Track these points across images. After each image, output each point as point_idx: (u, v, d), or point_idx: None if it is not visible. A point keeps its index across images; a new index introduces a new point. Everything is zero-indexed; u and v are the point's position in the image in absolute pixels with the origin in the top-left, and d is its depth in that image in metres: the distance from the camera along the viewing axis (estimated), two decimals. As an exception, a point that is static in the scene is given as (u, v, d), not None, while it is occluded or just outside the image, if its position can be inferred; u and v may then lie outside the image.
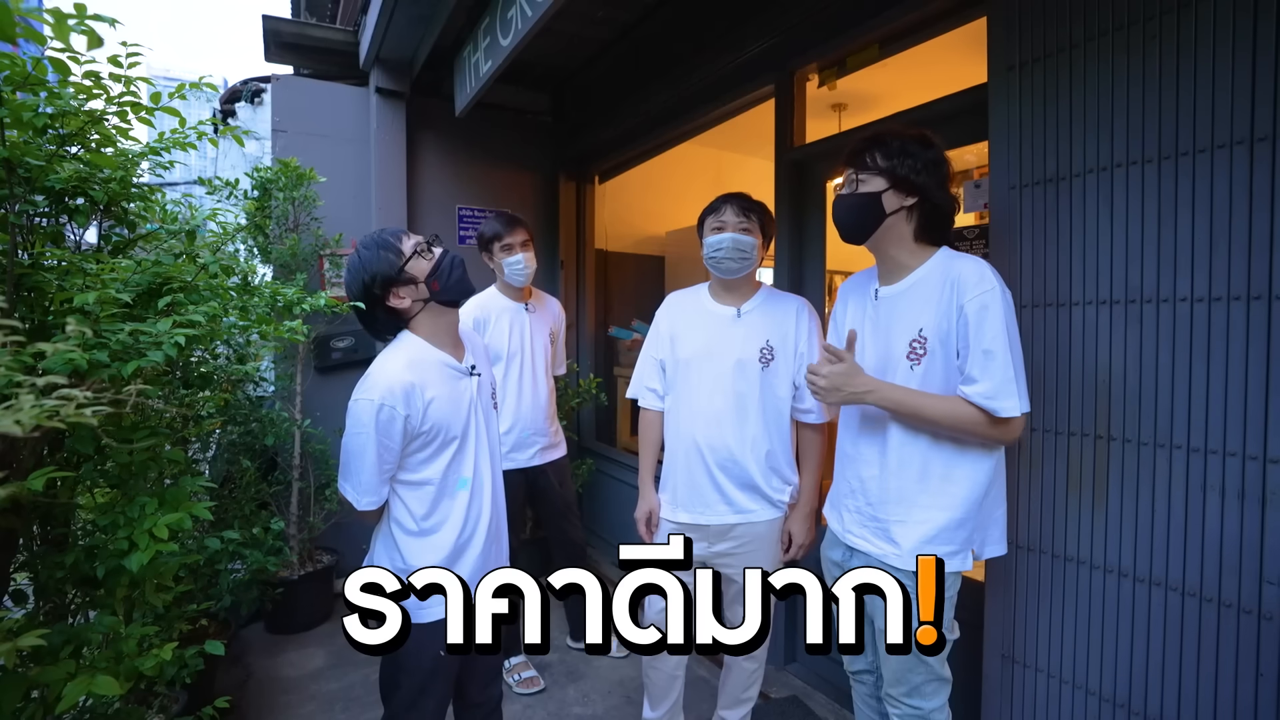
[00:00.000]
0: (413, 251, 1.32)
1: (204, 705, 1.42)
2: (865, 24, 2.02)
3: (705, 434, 1.71)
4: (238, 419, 2.62)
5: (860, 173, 1.32)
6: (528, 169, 3.83)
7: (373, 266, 1.30)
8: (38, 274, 1.04)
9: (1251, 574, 1.15)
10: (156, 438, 1.18)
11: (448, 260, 1.36)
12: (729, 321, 1.74)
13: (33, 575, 1.04)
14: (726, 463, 1.69)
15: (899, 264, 1.34)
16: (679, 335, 1.79)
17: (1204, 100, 1.19)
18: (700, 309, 1.80)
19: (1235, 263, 1.15)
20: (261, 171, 2.80)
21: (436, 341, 1.37)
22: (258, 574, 2.41)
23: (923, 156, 1.28)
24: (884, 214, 1.30)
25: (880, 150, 1.30)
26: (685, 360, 1.76)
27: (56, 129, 1.04)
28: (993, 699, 1.55)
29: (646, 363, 1.86)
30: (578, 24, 3.07)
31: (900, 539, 1.29)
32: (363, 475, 1.28)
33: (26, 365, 0.82)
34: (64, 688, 0.84)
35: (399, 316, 1.35)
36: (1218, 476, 1.19)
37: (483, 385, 1.45)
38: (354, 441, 1.27)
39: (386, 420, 1.25)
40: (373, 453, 1.26)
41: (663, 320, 1.86)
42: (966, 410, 1.21)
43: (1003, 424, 1.21)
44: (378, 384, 1.26)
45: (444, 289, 1.34)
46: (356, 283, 1.32)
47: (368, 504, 1.31)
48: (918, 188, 1.28)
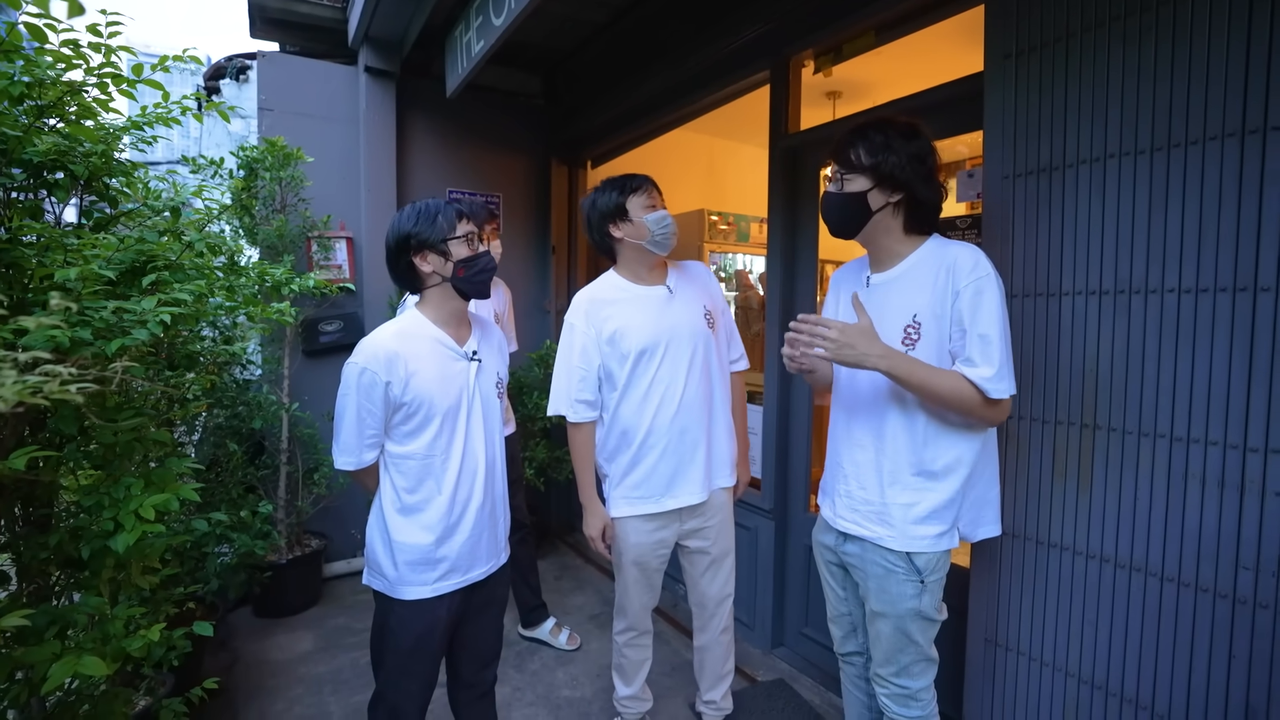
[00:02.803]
0: (464, 234, 1.38)
1: (191, 688, 1.42)
2: (862, 10, 2.01)
3: (685, 414, 1.71)
4: (224, 402, 2.59)
5: (845, 171, 1.32)
6: (520, 152, 3.79)
7: (425, 224, 1.36)
8: (15, 249, 1.01)
9: (1228, 560, 1.18)
10: (142, 418, 1.16)
11: (484, 260, 1.41)
12: (666, 299, 1.74)
13: (15, 556, 1.02)
14: (707, 435, 1.73)
15: (890, 252, 1.36)
16: (622, 330, 1.68)
17: (1197, 92, 1.19)
18: (632, 296, 1.72)
19: (1223, 255, 1.17)
20: (248, 150, 2.75)
21: (438, 321, 1.42)
22: (245, 558, 2.40)
23: (906, 151, 1.27)
24: (870, 211, 1.31)
25: (864, 146, 1.29)
26: (641, 350, 1.68)
27: (34, 99, 1.01)
28: (976, 682, 1.58)
29: (571, 374, 1.71)
30: (572, 5, 3.03)
31: (892, 521, 1.31)
32: (343, 434, 1.35)
33: (6, 342, 0.80)
34: (49, 668, 0.84)
35: (416, 279, 1.41)
36: (1199, 465, 1.21)
37: (484, 371, 1.46)
38: (340, 402, 1.35)
39: (368, 384, 1.31)
40: (353, 414, 1.33)
41: (589, 324, 1.71)
42: (968, 388, 1.23)
43: (995, 405, 1.24)
44: (364, 349, 1.33)
45: (465, 279, 1.39)
46: (406, 225, 1.37)
47: (344, 463, 1.37)
48: (902, 183, 1.28)
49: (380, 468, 1.40)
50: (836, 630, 1.56)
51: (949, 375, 1.24)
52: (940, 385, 1.22)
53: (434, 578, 1.38)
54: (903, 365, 1.22)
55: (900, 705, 1.36)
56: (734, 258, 4.53)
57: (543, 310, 3.90)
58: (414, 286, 1.43)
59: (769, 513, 2.44)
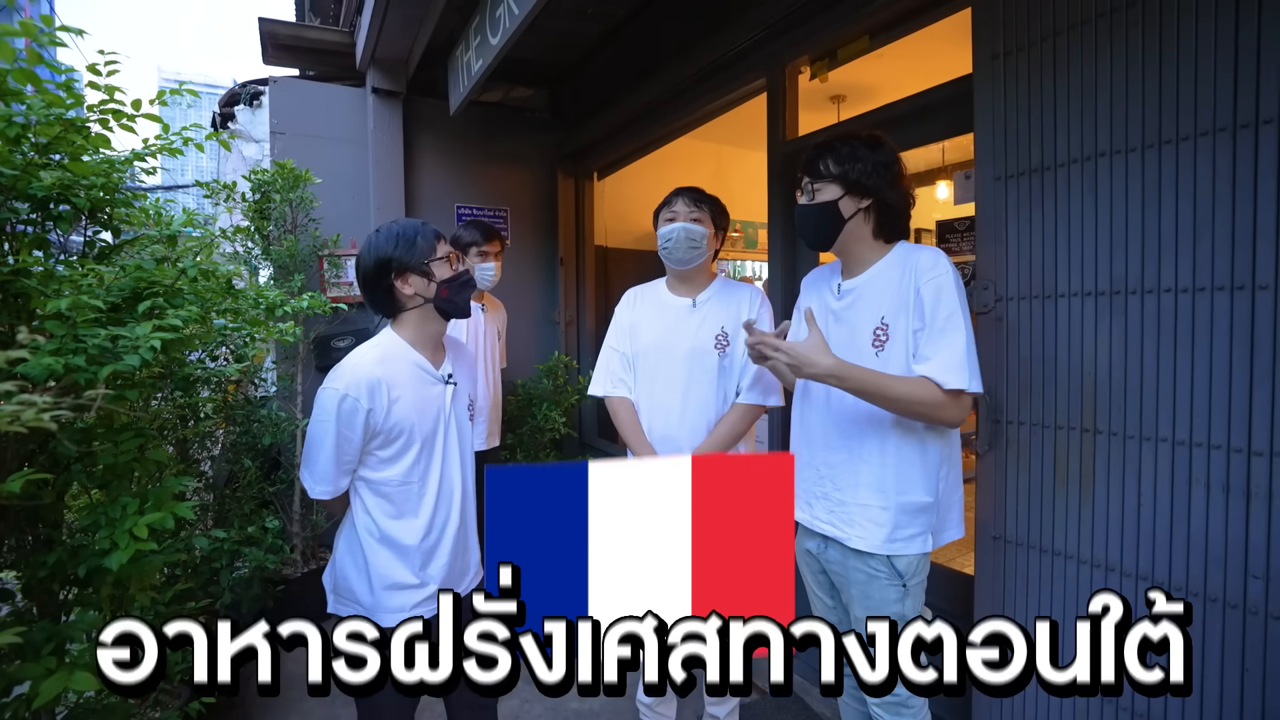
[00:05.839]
0: (443, 255, 1.37)
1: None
2: (852, 15, 2.00)
3: (663, 424, 1.73)
4: (237, 419, 2.66)
5: (815, 181, 1.36)
6: (526, 166, 3.83)
7: (405, 246, 1.33)
8: (19, 281, 1.06)
9: (1237, 568, 1.13)
10: (142, 438, 1.20)
11: (465, 277, 1.40)
12: (685, 311, 1.77)
13: (18, 575, 1.07)
14: (681, 452, 1.70)
15: (861, 259, 1.38)
16: (638, 326, 1.82)
17: (1186, 86, 1.16)
18: (658, 301, 1.83)
19: (1219, 252, 1.13)
20: (259, 174, 2.83)
21: (416, 344, 1.38)
22: (258, 571, 2.45)
23: (871, 159, 1.31)
24: (843, 219, 1.34)
25: (832, 156, 1.34)
26: (643, 350, 1.78)
27: (31, 139, 1.06)
28: (984, 698, 1.54)
29: (611, 356, 1.85)
30: (568, 20, 3.07)
31: (871, 523, 1.31)
32: (319, 463, 1.30)
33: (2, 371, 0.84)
34: (43, 684, 0.87)
35: (395, 303, 1.36)
36: (1203, 470, 1.17)
37: (458, 395, 1.45)
38: (316, 429, 1.30)
39: (349, 411, 1.26)
40: (331, 442, 1.28)
41: (623, 313, 1.87)
42: (925, 387, 1.23)
43: (956, 401, 1.23)
44: (344, 375, 1.28)
45: (449, 298, 1.37)
46: (385, 248, 1.33)
47: (320, 492, 1.33)
48: (870, 190, 1.31)
49: (352, 493, 1.37)
50: (825, 641, 1.54)
51: (905, 380, 1.24)
52: (894, 389, 1.23)
53: (413, 601, 1.35)
54: (853, 375, 1.24)
55: (892, 714, 1.34)
56: (741, 264, 4.52)
57: (551, 322, 3.92)
58: (391, 310, 1.39)
59: (776, 522, 2.42)
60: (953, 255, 1.41)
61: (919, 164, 3.89)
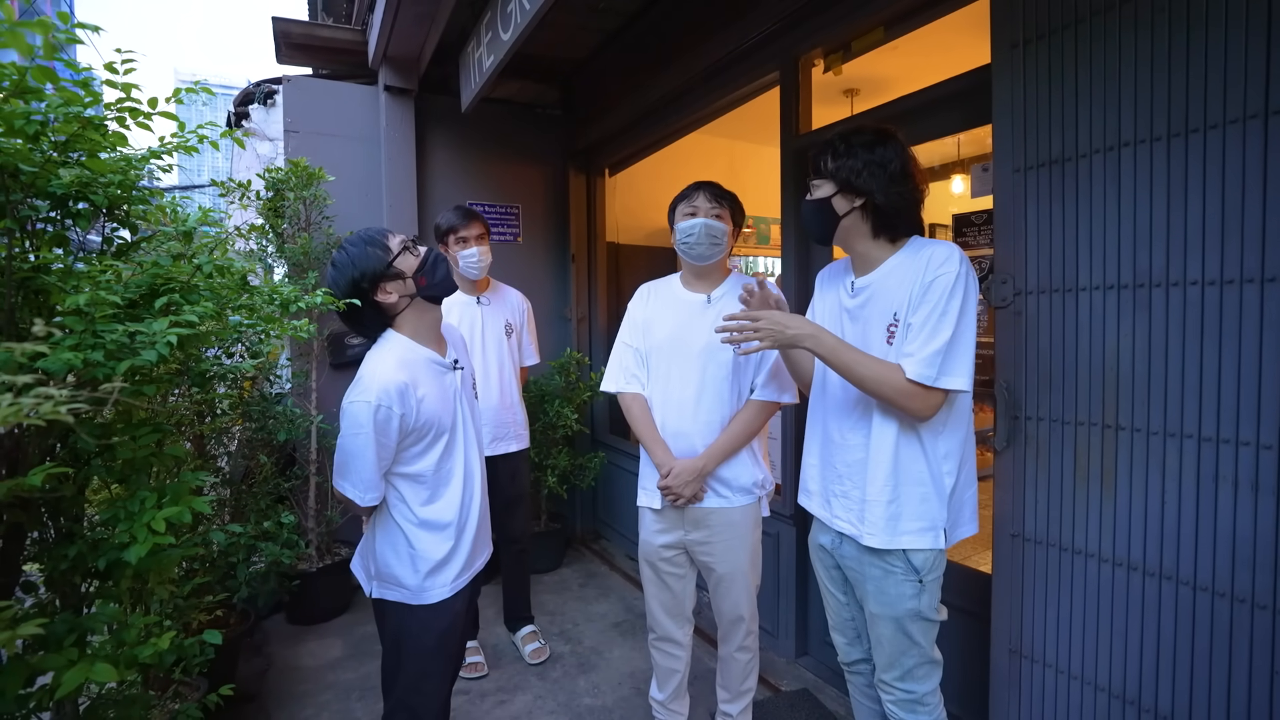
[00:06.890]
0: (400, 248, 1.36)
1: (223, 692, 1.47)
2: (867, 6, 1.97)
3: (676, 420, 1.72)
4: (253, 415, 2.69)
5: (815, 178, 1.37)
6: (538, 163, 3.83)
7: (361, 263, 1.34)
8: (39, 277, 1.07)
9: (1265, 568, 1.11)
10: (160, 434, 1.21)
11: (433, 256, 1.40)
12: (699, 308, 1.75)
13: (41, 568, 1.08)
14: (692, 450, 1.70)
15: (867, 257, 1.37)
16: (652, 321, 1.80)
17: (1215, 73, 1.13)
18: (672, 297, 1.81)
19: (1248, 243, 1.10)
20: (273, 172, 2.85)
21: (421, 339, 1.41)
22: (274, 566, 2.48)
23: (864, 157, 1.31)
24: (837, 216, 1.34)
25: (830, 154, 1.35)
26: (656, 346, 1.77)
27: (50, 136, 1.07)
28: (1000, 694, 1.52)
29: (624, 352, 1.84)
30: (579, 15, 3.06)
31: (881, 519, 1.30)
32: (364, 474, 1.31)
33: (21, 365, 0.85)
34: (65, 674, 0.88)
35: (385, 313, 1.38)
36: (1230, 467, 1.14)
37: (465, 378, 1.49)
38: (353, 443, 1.30)
39: (384, 420, 1.28)
40: (372, 452, 1.29)
41: (637, 309, 1.85)
42: (892, 374, 1.23)
43: (922, 394, 1.22)
44: (372, 385, 1.29)
45: (430, 284, 1.38)
46: (345, 279, 1.35)
47: (371, 499, 1.35)
48: (861, 189, 1.31)
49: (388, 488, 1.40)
50: (840, 638, 1.53)
51: (878, 361, 1.26)
52: (862, 367, 1.24)
53: (451, 577, 1.42)
54: (828, 342, 1.27)
55: (908, 712, 1.33)
56: (755, 260, 4.49)
57: (563, 318, 3.93)
58: (384, 323, 1.39)
59: (789, 518, 2.40)
60: (969, 249, 1.40)
61: (934, 158, 3.85)
